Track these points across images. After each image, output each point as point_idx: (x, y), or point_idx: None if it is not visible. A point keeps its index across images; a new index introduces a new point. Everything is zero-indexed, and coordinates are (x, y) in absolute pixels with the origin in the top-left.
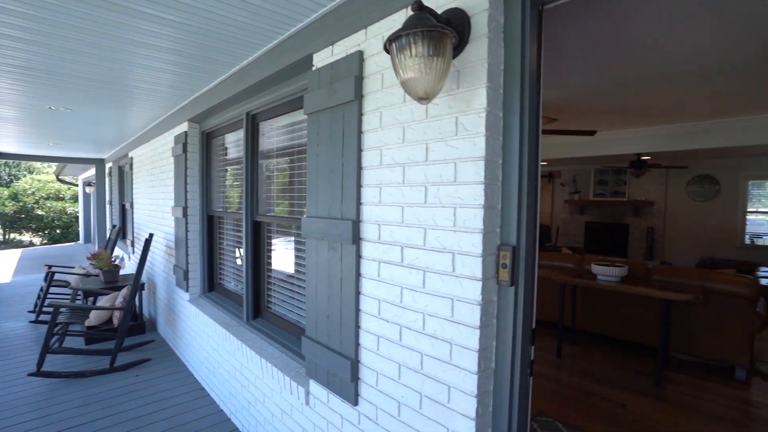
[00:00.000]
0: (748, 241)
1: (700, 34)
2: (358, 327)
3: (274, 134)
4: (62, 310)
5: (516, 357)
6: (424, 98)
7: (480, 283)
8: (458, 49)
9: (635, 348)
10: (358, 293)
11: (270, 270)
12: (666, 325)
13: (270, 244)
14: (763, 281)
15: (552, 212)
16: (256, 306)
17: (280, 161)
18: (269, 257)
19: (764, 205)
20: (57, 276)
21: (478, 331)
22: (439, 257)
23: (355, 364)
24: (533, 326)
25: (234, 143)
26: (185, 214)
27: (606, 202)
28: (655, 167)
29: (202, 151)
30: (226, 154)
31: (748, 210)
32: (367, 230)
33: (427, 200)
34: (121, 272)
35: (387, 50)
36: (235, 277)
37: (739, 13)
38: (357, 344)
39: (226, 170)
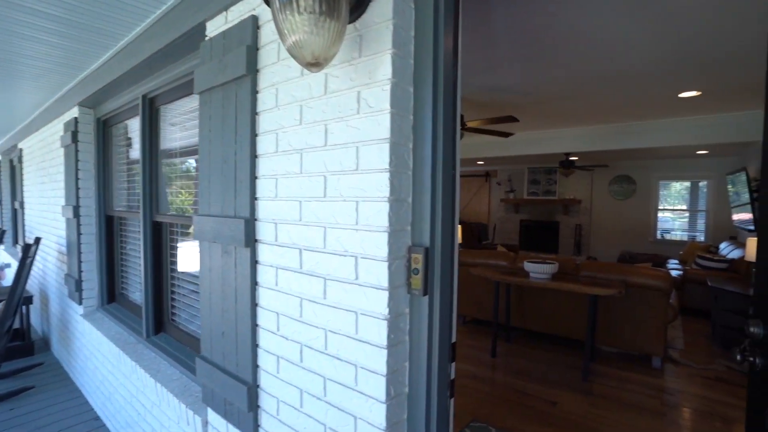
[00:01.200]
0: (659, 236)
1: (617, 32)
2: (256, 345)
3: (177, 120)
4: None
5: (432, 379)
6: (314, 64)
7: (386, 293)
8: (360, 7)
9: (567, 343)
10: (254, 305)
11: (174, 278)
12: (592, 319)
13: (174, 248)
14: (673, 272)
15: (489, 210)
16: (158, 319)
17: (184, 151)
18: (173, 263)
19: (669, 203)
20: None
21: (385, 352)
22: (340, 262)
23: (253, 389)
24: (453, 340)
25: (138, 131)
26: (77, 214)
27: (538, 200)
28: (582, 168)
29: (97, 141)
30: (129, 144)
31: (659, 208)
32: (264, 230)
33: (326, 193)
34: (8, 284)
35: (267, 1)
36: (141, 286)
37: (655, 12)
38: (255, 366)
39: (130, 162)
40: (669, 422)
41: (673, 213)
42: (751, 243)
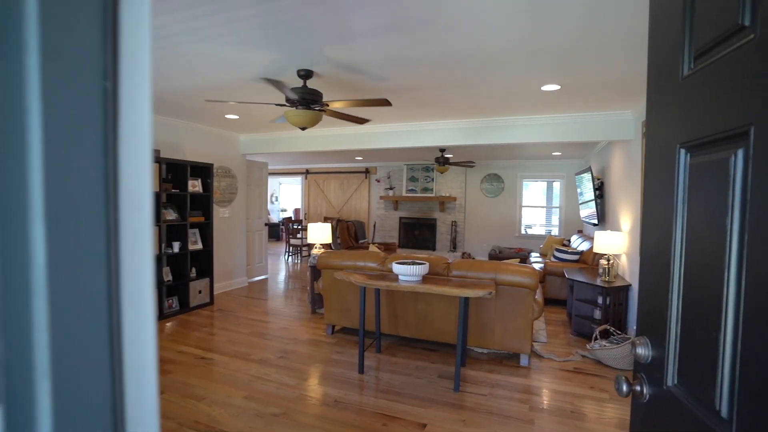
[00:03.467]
0: (523, 232)
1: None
2: None
3: None
4: None
5: None
6: None
7: None
8: None
9: (440, 347)
10: None
11: None
12: (464, 322)
13: None
14: (536, 266)
15: (369, 208)
16: None
17: None
18: None
19: (530, 201)
20: None
21: None
22: None
23: None
24: None
25: None
26: None
27: (417, 198)
28: (457, 164)
29: None
30: None
31: (523, 205)
32: None
33: None
34: None
35: None
36: None
37: None
38: None
39: None
40: (537, 429)
41: (534, 210)
42: (599, 235)
